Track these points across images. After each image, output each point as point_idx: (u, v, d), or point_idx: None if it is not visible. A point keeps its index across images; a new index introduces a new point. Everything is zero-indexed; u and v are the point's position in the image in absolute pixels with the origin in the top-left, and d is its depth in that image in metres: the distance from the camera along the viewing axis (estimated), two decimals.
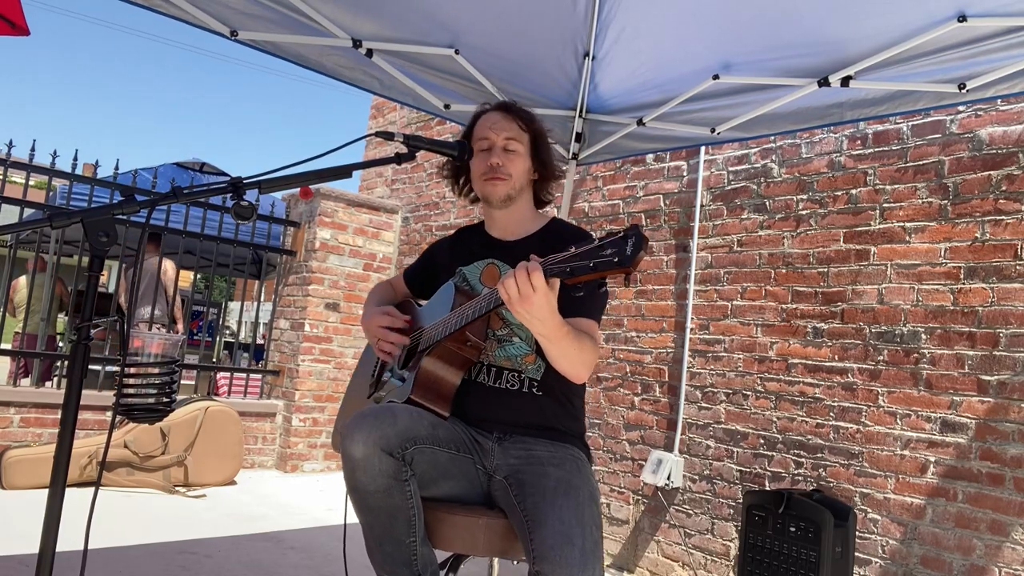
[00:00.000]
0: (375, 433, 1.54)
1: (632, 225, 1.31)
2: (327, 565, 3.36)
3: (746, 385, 3.60)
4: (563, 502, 1.57)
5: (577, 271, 1.32)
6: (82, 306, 1.36)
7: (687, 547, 3.70)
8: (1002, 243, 2.88)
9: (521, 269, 1.38)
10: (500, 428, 1.77)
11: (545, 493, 1.60)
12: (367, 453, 1.53)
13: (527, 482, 1.65)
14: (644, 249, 1.27)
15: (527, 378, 1.79)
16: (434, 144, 1.71)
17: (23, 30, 2.27)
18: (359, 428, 1.55)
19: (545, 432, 1.79)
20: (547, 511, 1.55)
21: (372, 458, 1.53)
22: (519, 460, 1.72)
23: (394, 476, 1.55)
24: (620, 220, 4.35)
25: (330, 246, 5.77)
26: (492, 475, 1.74)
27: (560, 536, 1.49)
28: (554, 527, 1.51)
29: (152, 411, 2.73)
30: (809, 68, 2.51)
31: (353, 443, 1.54)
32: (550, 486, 1.62)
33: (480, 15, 2.64)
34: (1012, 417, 2.77)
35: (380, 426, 1.55)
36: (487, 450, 1.75)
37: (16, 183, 5.29)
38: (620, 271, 1.28)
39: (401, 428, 1.57)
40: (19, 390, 4.51)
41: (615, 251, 1.28)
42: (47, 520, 1.30)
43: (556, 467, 1.68)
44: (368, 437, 1.53)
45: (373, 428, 1.54)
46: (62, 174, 4.66)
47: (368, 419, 1.56)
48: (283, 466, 5.46)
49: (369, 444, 1.53)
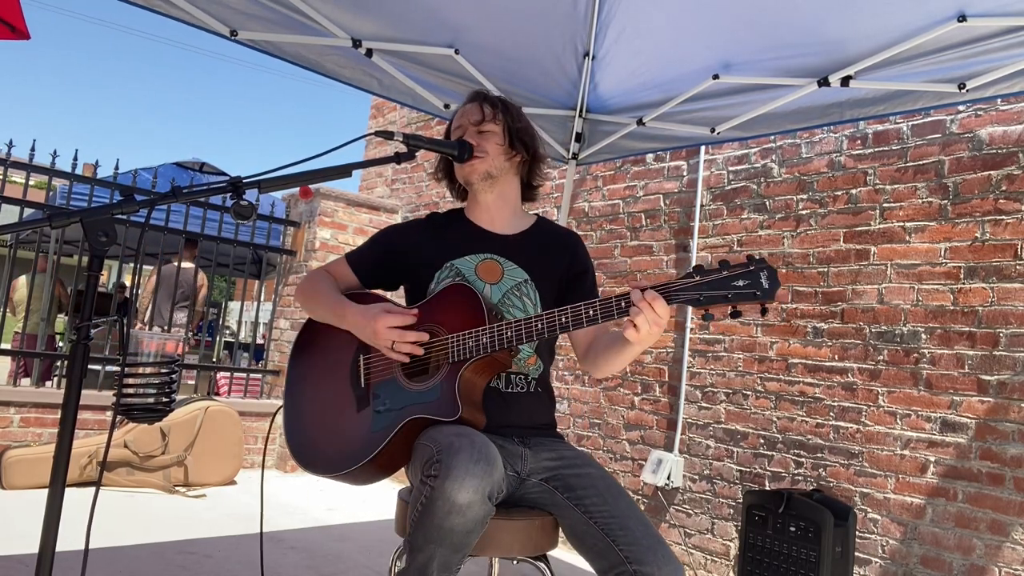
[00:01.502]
0: (486, 481, 1.41)
1: (752, 257, 1.40)
2: (327, 565, 3.35)
3: (746, 385, 3.60)
4: (625, 503, 1.61)
5: (712, 300, 1.41)
6: (82, 306, 1.36)
7: (687, 547, 3.70)
8: (1002, 243, 2.88)
9: (648, 310, 1.45)
10: (518, 432, 1.75)
11: (602, 494, 1.62)
12: (472, 501, 1.40)
13: (574, 484, 1.66)
14: (778, 281, 1.38)
15: (531, 379, 1.81)
16: (433, 143, 1.71)
17: (23, 34, 2.28)
18: (468, 473, 1.40)
19: (550, 431, 1.83)
20: (620, 513, 1.58)
21: (476, 506, 1.40)
22: (552, 462, 1.72)
23: (483, 521, 1.44)
24: (620, 220, 4.35)
25: (330, 246, 5.77)
26: (526, 479, 1.72)
27: (653, 537, 1.54)
28: (640, 529, 1.55)
29: (152, 411, 2.73)
30: (809, 68, 2.51)
31: (462, 489, 1.39)
32: (601, 487, 1.64)
33: (480, 15, 2.64)
34: (1012, 417, 2.77)
35: (491, 473, 1.43)
36: (516, 455, 1.72)
37: (16, 183, 5.29)
38: (759, 303, 1.39)
39: (500, 473, 1.47)
40: (19, 390, 4.51)
41: (749, 283, 1.38)
42: (47, 520, 1.30)
43: (591, 466, 1.71)
44: (480, 485, 1.40)
45: (484, 476, 1.41)
46: (62, 174, 4.66)
47: (480, 464, 1.42)
48: (283, 466, 5.46)
49: (480, 492, 1.40)
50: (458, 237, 1.86)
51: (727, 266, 1.42)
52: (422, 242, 1.87)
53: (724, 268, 1.41)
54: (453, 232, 1.88)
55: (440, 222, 1.93)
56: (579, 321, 1.54)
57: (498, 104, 1.88)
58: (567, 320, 1.55)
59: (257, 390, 5.97)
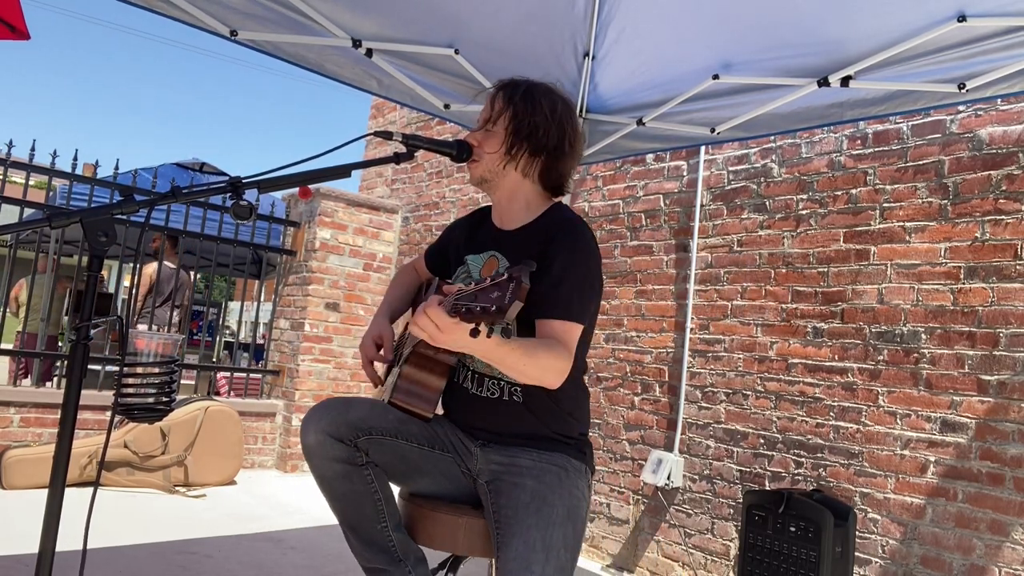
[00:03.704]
0: (324, 421, 1.61)
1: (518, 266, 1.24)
2: (327, 565, 3.35)
3: (746, 385, 3.60)
4: (533, 521, 1.57)
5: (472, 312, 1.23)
6: (81, 306, 1.36)
7: (687, 547, 3.70)
8: (1002, 243, 2.88)
9: (420, 312, 1.33)
10: (484, 435, 1.74)
11: (517, 508, 1.59)
12: (318, 440, 1.60)
13: (503, 491, 1.65)
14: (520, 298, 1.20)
15: (507, 386, 1.71)
16: (432, 143, 1.70)
17: (23, 34, 2.28)
18: (311, 417, 1.63)
19: (531, 441, 1.71)
20: (515, 530, 1.56)
21: (324, 444, 1.60)
22: (499, 467, 1.70)
23: (347, 461, 1.61)
24: (620, 220, 4.35)
25: (330, 246, 5.77)
26: (476, 478, 1.74)
27: (520, 561, 1.51)
28: (517, 549, 1.53)
29: (151, 411, 2.73)
30: (809, 68, 2.51)
31: (306, 431, 1.62)
32: (523, 500, 1.60)
33: (480, 15, 2.64)
34: (1012, 417, 2.77)
35: (329, 414, 1.62)
36: (471, 453, 1.74)
37: (16, 183, 5.29)
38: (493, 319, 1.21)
39: (354, 417, 1.62)
40: (19, 390, 4.52)
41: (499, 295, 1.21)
42: (46, 520, 1.30)
43: (535, 479, 1.64)
44: (318, 425, 1.60)
45: (323, 417, 1.62)
46: (62, 174, 4.66)
47: (320, 409, 1.65)
48: (283, 466, 5.46)
49: (320, 432, 1.60)
50: (478, 234, 1.88)
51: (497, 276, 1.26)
52: (459, 238, 1.94)
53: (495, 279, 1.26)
54: (480, 229, 1.90)
55: (478, 218, 1.94)
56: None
57: (513, 99, 1.76)
58: None
59: (257, 390, 5.98)
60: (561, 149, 1.76)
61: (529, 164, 1.76)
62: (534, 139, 1.74)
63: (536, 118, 1.73)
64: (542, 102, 1.76)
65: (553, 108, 1.76)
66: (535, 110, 1.74)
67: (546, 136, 1.74)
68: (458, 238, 1.94)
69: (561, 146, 1.76)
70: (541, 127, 1.74)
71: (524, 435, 1.71)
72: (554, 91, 1.81)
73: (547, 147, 1.75)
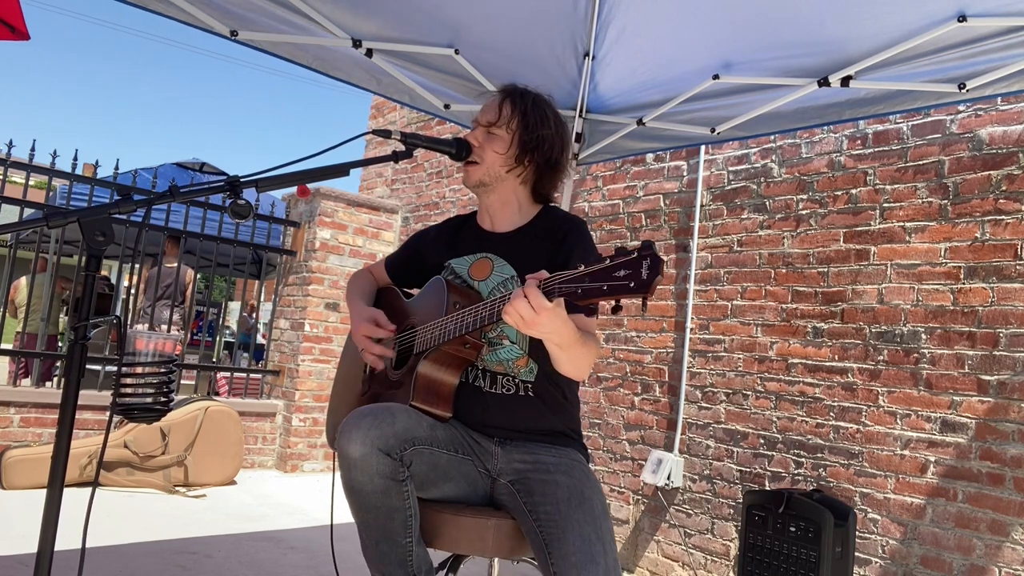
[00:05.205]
0: (373, 432, 1.50)
1: (645, 242, 1.21)
2: (327, 565, 3.35)
3: (746, 385, 3.59)
4: (580, 515, 1.55)
5: (589, 293, 1.24)
6: (80, 306, 1.36)
7: (687, 547, 3.70)
8: (1002, 243, 2.88)
9: (519, 297, 1.32)
10: (500, 433, 1.74)
11: (558, 503, 1.58)
12: (365, 453, 1.49)
13: (535, 490, 1.63)
14: (661, 272, 1.18)
15: (520, 382, 1.75)
16: (431, 142, 1.71)
17: (23, 34, 2.28)
18: (357, 427, 1.51)
19: (545, 436, 1.75)
20: (565, 525, 1.53)
21: (370, 458, 1.49)
22: (524, 465, 1.69)
23: (391, 476, 1.52)
24: (620, 220, 4.35)
25: (330, 246, 5.77)
26: (496, 478, 1.72)
27: (583, 554, 1.48)
28: (575, 544, 1.50)
29: (150, 410, 2.72)
30: (809, 68, 2.50)
31: (351, 442, 1.50)
32: (562, 496, 1.59)
33: (480, 15, 2.63)
34: (1012, 417, 2.77)
35: (379, 425, 1.51)
36: (490, 452, 1.73)
37: (16, 183, 5.29)
38: (636, 296, 1.19)
39: (400, 428, 1.54)
40: (19, 390, 4.51)
41: (629, 273, 1.19)
42: (45, 519, 1.30)
43: (565, 475, 1.65)
44: (366, 437, 1.50)
45: (372, 428, 1.51)
46: (62, 174, 4.66)
47: (367, 418, 1.53)
48: (283, 466, 5.46)
49: (367, 444, 1.49)
50: (462, 238, 1.91)
51: (620, 253, 1.24)
52: (435, 244, 1.95)
53: (616, 259, 1.24)
54: (461, 234, 1.93)
55: (455, 225, 1.99)
56: (493, 316, 1.49)
57: (520, 108, 1.80)
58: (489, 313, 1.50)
59: (257, 390, 5.98)
60: (560, 163, 1.85)
61: (530, 173, 1.84)
62: (541, 151, 1.80)
63: (544, 131, 1.80)
64: (548, 115, 1.83)
65: (558, 122, 1.85)
66: (543, 123, 1.81)
67: (551, 150, 1.82)
68: (431, 246, 1.96)
69: (560, 160, 1.85)
70: (547, 140, 1.82)
71: (541, 431, 1.75)
72: (552, 104, 1.89)
73: (550, 160, 1.83)
